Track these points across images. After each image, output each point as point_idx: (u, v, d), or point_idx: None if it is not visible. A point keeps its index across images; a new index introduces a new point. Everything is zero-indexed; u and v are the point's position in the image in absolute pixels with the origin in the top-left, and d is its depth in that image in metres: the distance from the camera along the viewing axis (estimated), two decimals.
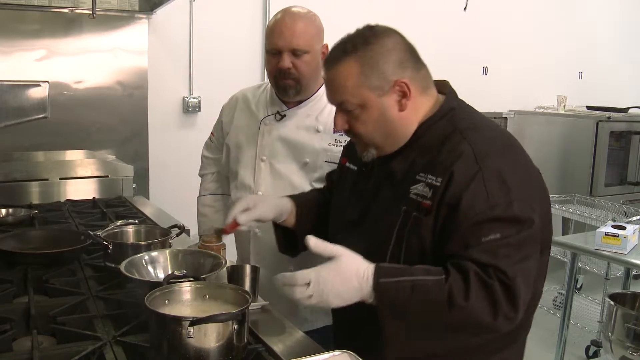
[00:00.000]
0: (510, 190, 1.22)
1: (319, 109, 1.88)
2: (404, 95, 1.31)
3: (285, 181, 1.87)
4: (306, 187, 1.85)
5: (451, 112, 1.36)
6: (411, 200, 1.29)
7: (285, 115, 1.90)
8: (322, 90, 1.89)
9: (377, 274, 1.20)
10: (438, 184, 1.25)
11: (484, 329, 1.19)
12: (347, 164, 1.58)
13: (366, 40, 1.30)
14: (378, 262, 1.26)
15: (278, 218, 1.61)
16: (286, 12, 1.80)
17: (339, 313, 1.56)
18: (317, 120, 1.87)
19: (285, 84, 1.81)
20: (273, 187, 1.88)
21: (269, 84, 1.95)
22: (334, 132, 1.81)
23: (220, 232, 1.60)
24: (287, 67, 1.77)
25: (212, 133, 2.17)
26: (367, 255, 1.31)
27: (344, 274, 1.20)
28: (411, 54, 1.34)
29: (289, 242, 1.68)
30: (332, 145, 1.85)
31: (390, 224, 1.31)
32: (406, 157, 1.35)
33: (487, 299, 1.16)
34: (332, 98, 1.37)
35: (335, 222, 1.56)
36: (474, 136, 1.29)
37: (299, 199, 1.68)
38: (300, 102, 1.89)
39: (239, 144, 1.97)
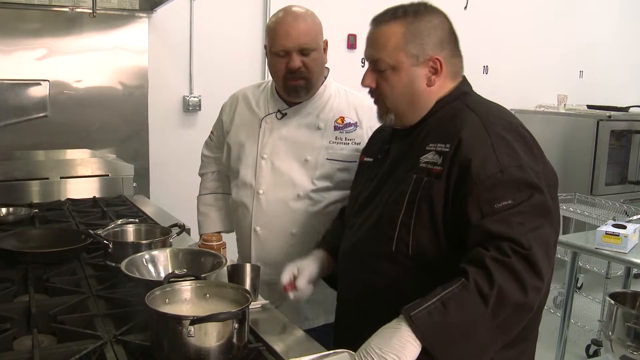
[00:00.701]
0: (520, 157, 1.25)
1: (320, 106, 1.89)
2: (435, 72, 1.37)
3: (286, 179, 1.87)
4: (307, 184, 1.85)
5: (464, 95, 1.41)
6: (421, 169, 1.32)
7: (286, 114, 1.90)
8: (323, 88, 1.90)
9: (405, 312, 1.14)
10: (447, 149, 1.28)
11: (522, 310, 1.17)
12: (365, 159, 1.62)
13: (417, 12, 1.37)
14: (389, 233, 1.31)
15: (325, 270, 1.57)
16: (288, 12, 1.80)
17: (340, 312, 1.56)
18: (318, 117, 1.88)
19: (297, 86, 1.81)
20: (274, 185, 1.88)
21: (269, 82, 1.95)
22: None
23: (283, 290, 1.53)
24: (298, 67, 1.77)
25: (212, 132, 2.16)
26: (378, 228, 1.35)
27: (384, 331, 1.15)
28: (453, 39, 1.41)
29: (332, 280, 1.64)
30: (334, 142, 1.85)
31: (401, 193, 1.33)
32: (418, 134, 1.39)
33: (512, 277, 1.14)
34: (369, 52, 1.41)
35: (351, 207, 1.57)
36: (481, 110, 1.35)
37: (328, 243, 1.64)
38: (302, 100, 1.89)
39: (239, 143, 1.97)
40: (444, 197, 1.27)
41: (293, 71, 1.78)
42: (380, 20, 1.39)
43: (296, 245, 1.83)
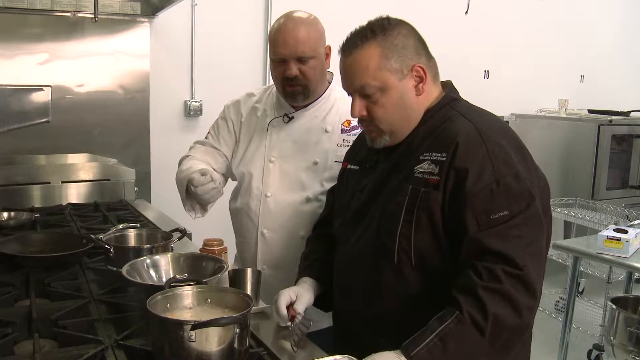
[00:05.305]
0: (515, 164, 1.25)
1: (326, 109, 1.90)
2: (421, 79, 1.36)
3: (295, 181, 1.87)
4: (317, 187, 1.85)
5: (453, 101, 1.40)
6: (417, 179, 1.30)
7: (293, 117, 1.90)
8: (329, 92, 1.90)
9: (405, 351, 1.14)
10: (444, 158, 1.27)
11: (518, 331, 1.19)
12: (349, 166, 1.60)
13: (384, 27, 1.35)
14: (389, 246, 1.30)
15: (317, 293, 1.55)
16: (288, 19, 1.80)
17: (340, 322, 1.56)
18: (324, 121, 1.89)
19: (294, 91, 1.82)
20: (282, 188, 1.87)
21: (275, 86, 1.95)
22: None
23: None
24: (295, 75, 1.78)
25: (209, 132, 2.10)
26: (377, 241, 1.34)
27: None
28: (423, 44, 1.39)
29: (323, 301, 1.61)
30: (341, 145, 1.85)
31: (397, 205, 1.32)
32: (410, 144, 1.38)
33: (505, 302, 1.15)
34: (351, 83, 1.38)
35: (339, 218, 1.55)
36: (474, 117, 1.34)
37: (313, 269, 1.59)
38: (307, 104, 1.89)
39: (246, 146, 1.97)
40: (441, 207, 1.26)
41: (290, 78, 1.79)
42: (352, 48, 1.35)
43: (304, 248, 1.82)
